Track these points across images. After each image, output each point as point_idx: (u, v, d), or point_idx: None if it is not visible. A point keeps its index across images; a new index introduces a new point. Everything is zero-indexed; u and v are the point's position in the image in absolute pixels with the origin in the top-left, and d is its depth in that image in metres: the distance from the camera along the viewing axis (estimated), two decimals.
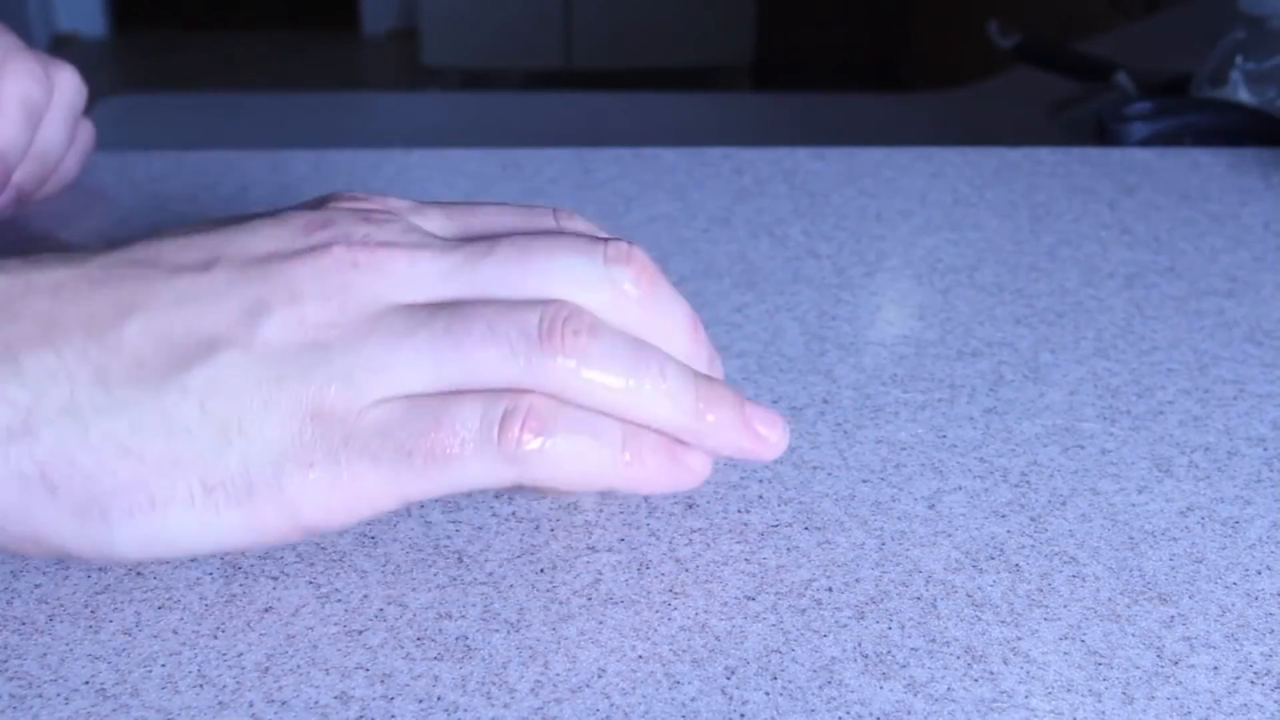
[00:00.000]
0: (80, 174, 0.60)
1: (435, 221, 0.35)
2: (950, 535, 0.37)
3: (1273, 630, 0.34)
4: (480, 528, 0.37)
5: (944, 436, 0.42)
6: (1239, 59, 0.79)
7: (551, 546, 0.36)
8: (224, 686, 0.31)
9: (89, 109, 0.58)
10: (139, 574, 0.35)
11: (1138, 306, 0.50)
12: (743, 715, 0.31)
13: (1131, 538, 0.37)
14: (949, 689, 0.32)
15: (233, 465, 0.31)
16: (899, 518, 0.38)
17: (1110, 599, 0.35)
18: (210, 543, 0.32)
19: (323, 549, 0.36)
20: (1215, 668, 0.33)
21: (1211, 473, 0.40)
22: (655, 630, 0.33)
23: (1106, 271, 0.53)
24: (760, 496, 0.39)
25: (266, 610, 0.34)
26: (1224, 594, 0.35)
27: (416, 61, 3.45)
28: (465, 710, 0.31)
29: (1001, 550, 0.37)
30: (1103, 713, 0.31)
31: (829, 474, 0.40)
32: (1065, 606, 0.35)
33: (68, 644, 0.32)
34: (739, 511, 0.38)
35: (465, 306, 0.33)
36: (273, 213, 0.35)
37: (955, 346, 0.47)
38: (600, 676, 0.32)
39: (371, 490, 0.32)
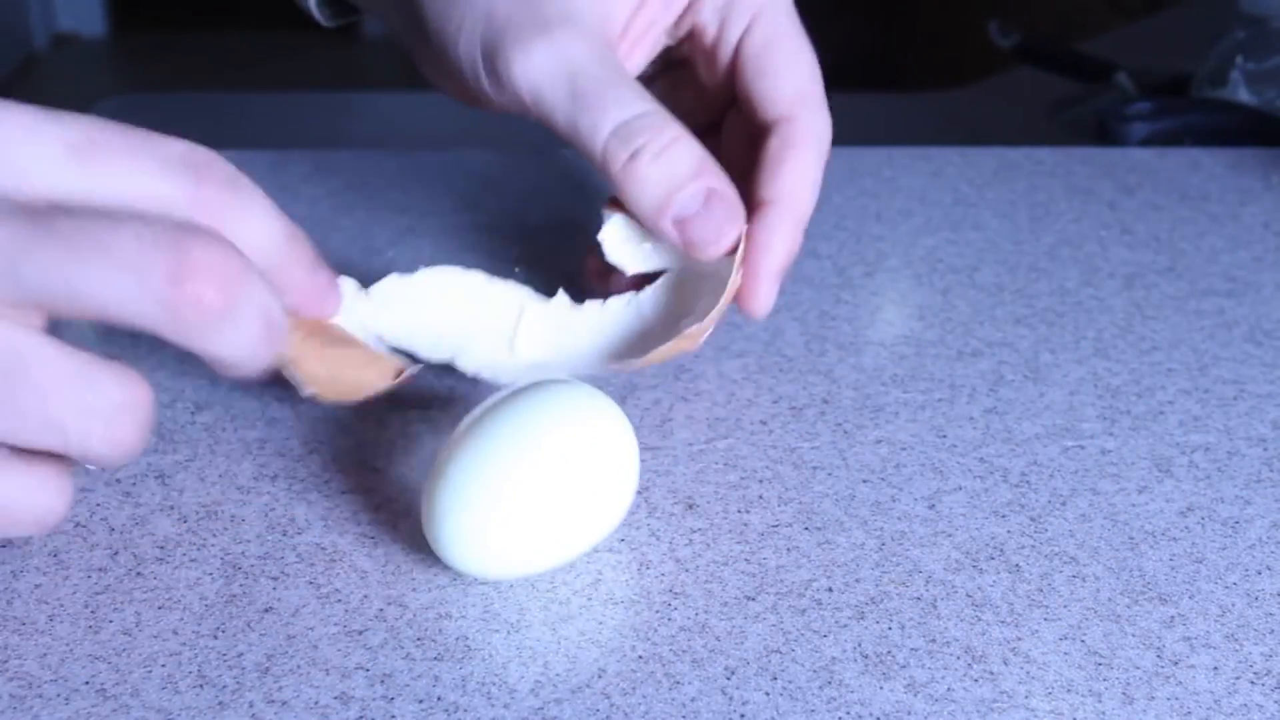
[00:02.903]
0: None
1: (44, 167, 0.30)
2: (950, 535, 0.37)
3: (1273, 630, 0.34)
4: None
5: (944, 436, 0.42)
6: (1239, 59, 0.79)
7: None
8: (224, 686, 0.31)
9: (89, 109, 0.57)
10: (139, 574, 0.35)
11: (1138, 306, 0.50)
12: (743, 715, 0.31)
13: (1131, 538, 0.37)
14: (949, 689, 0.32)
15: None
16: (899, 518, 0.38)
17: (1110, 599, 0.35)
18: None
19: (323, 549, 0.36)
20: (1215, 668, 0.33)
21: (1211, 473, 0.40)
22: (655, 630, 0.33)
23: (1106, 271, 0.53)
24: (760, 496, 0.39)
25: (266, 610, 0.34)
26: (1224, 594, 0.35)
27: None
28: (465, 710, 0.31)
29: (1001, 550, 0.37)
30: (1103, 713, 0.31)
31: (829, 474, 0.40)
32: (1065, 606, 0.35)
33: (68, 644, 0.32)
34: (739, 511, 0.38)
35: None
36: None
37: (955, 346, 0.47)
38: (600, 676, 0.32)
39: None
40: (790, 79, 0.41)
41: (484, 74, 0.39)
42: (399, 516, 0.37)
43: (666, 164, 0.37)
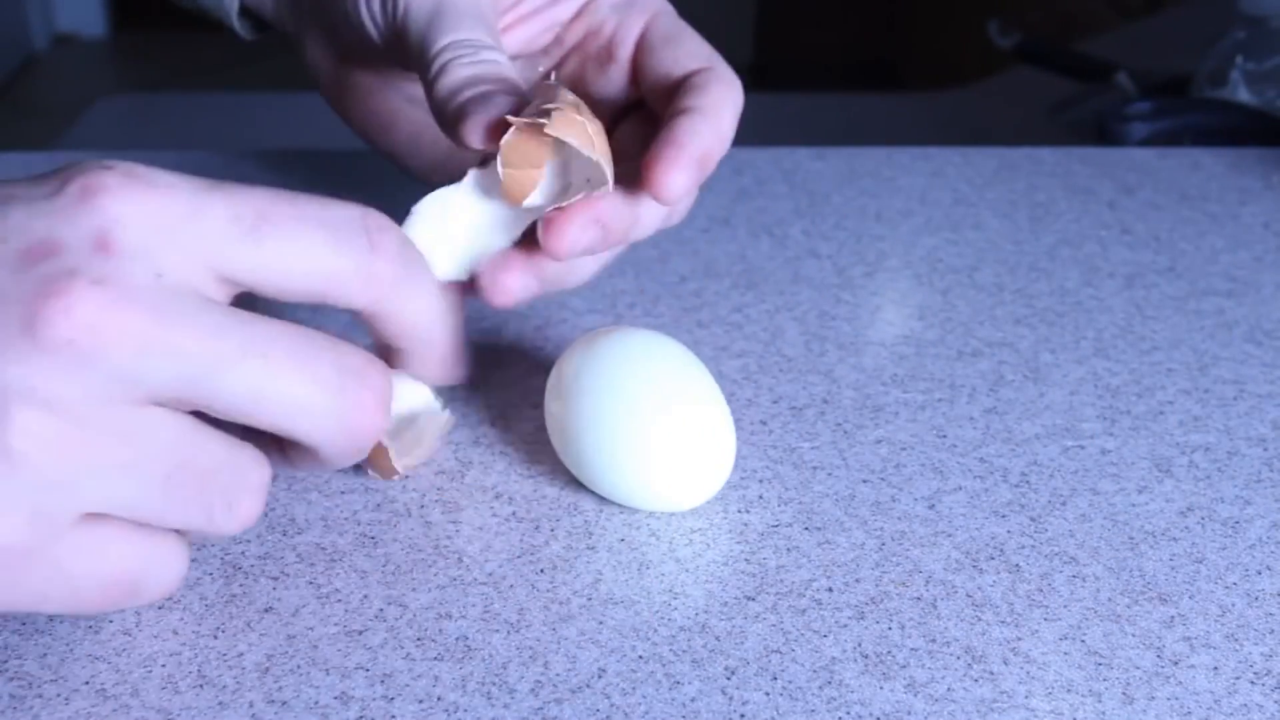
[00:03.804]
0: None
1: (214, 244, 0.29)
2: (950, 535, 0.37)
3: (1273, 630, 0.34)
4: (480, 528, 0.37)
5: (944, 436, 0.42)
6: (1239, 59, 0.79)
7: (551, 546, 0.36)
8: (224, 686, 0.31)
9: (89, 109, 0.57)
10: None
11: (1138, 306, 0.50)
12: (743, 715, 0.31)
13: (1131, 538, 0.37)
14: (949, 689, 0.32)
15: None
16: (899, 518, 0.38)
17: (1110, 599, 0.35)
18: None
19: (323, 549, 0.36)
20: (1215, 668, 0.33)
21: (1211, 473, 0.40)
22: (655, 630, 0.33)
23: (1106, 271, 0.53)
24: (760, 496, 0.39)
25: (266, 610, 0.34)
26: (1224, 594, 0.35)
27: None
28: (465, 710, 0.31)
29: (1001, 550, 0.37)
30: (1103, 713, 0.31)
31: (829, 474, 0.40)
32: (1065, 606, 0.35)
33: (68, 644, 0.32)
34: (739, 511, 0.38)
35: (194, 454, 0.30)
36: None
37: (955, 346, 0.47)
38: (600, 676, 0.32)
39: None
40: (701, 49, 0.43)
41: (377, 3, 0.41)
42: (399, 516, 0.37)
43: (474, 67, 0.39)
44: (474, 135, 0.37)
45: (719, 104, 0.41)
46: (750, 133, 0.44)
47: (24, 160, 0.61)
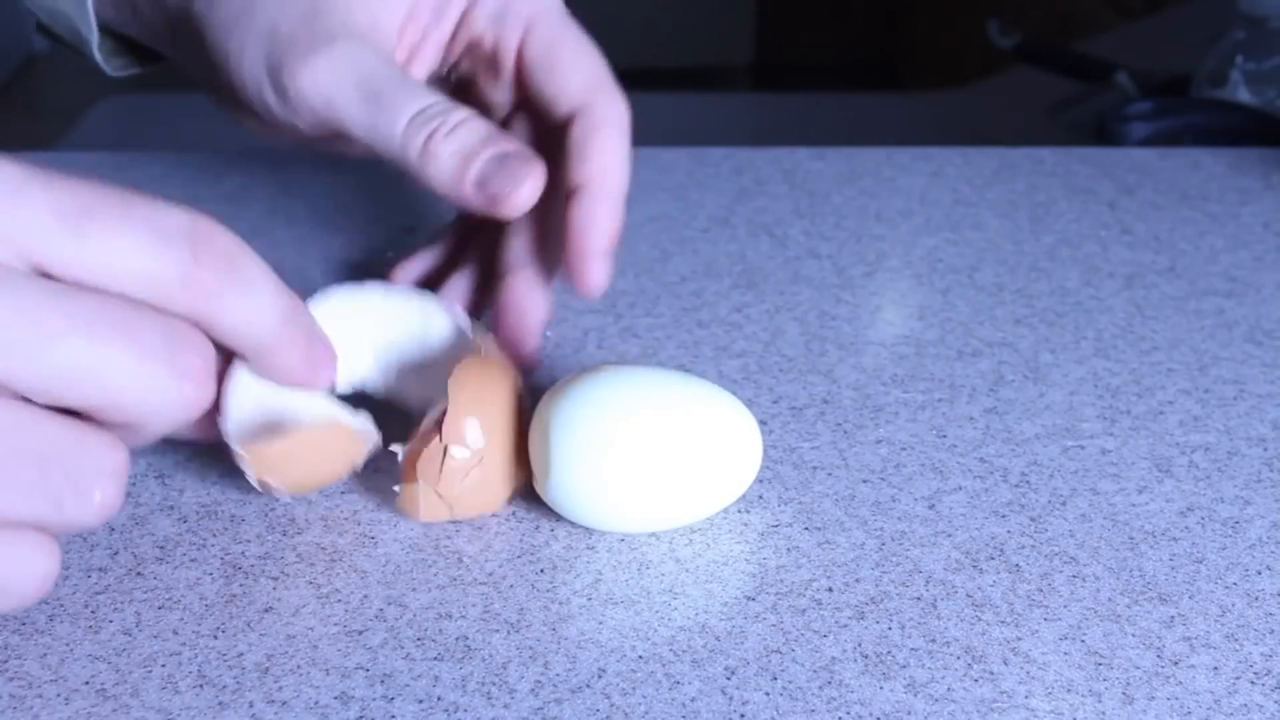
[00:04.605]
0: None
1: (32, 235, 0.28)
2: (950, 535, 0.37)
3: (1273, 630, 0.34)
4: (480, 528, 0.37)
5: (944, 436, 0.42)
6: (1239, 59, 0.79)
7: (551, 546, 0.36)
8: (224, 686, 0.31)
9: (89, 109, 0.57)
10: (139, 574, 0.35)
11: (1138, 306, 0.50)
12: (743, 715, 0.31)
13: (1131, 538, 0.37)
14: (949, 689, 0.32)
15: None
16: (899, 518, 0.38)
17: (1110, 599, 0.35)
18: None
19: (323, 549, 0.36)
20: (1215, 668, 0.33)
21: (1211, 473, 0.40)
22: (655, 630, 0.33)
23: (1106, 271, 0.53)
24: (760, 496, 0.39)
25: (266, 610, 0.34)
26: (1224, 594, 0.35)
27: None
28: (465, 710, 0.31)
29: (1001, 550, 0.37)
30: (1103, 713, 0.31)
31: (829, 474, 0.40)
32: (1065, 606, 0.35)
33: (68, 644, 0.32)
34: (739, 511, 0.38)
35: None
36: None
37: (955, 346, 0.47)
38: (600, 676, 0.32)
39: None
40: (578, 72, 0.42)
41: (270, 92, 0.40)
42: (399, 516, 0.37)
43: (459, 138, 0.38)
44: (514, 209, 0.38)
45: (607, 170, 0.41)
46: (750, 133, 0.44)
47: (24, 160, 0.61)
